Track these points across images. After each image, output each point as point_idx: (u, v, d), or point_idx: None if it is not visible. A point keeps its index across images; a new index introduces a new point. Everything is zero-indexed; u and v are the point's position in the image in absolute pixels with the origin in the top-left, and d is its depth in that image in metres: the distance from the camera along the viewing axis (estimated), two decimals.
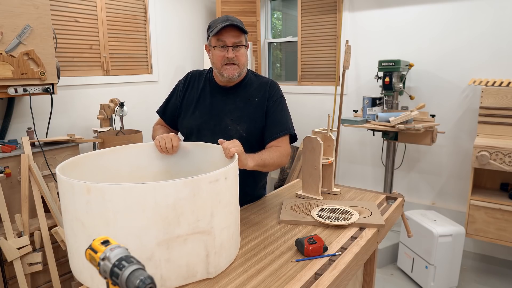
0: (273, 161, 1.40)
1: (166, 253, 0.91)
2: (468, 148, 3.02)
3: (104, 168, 1.28)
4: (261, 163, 1.35)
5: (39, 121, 2.49)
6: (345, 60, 3.16)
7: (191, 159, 1.39)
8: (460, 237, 2.47)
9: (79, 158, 1.19)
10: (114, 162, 1.31)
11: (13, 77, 2.07)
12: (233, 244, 1.08)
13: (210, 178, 0.96)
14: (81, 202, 0.90)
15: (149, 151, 1.39)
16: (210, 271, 0.98)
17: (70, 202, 0.94)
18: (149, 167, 1.39)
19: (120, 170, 1.32)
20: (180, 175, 1.38)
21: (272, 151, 1.42)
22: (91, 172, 1.22)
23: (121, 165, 1.33)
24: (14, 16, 2.04)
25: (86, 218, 0.91)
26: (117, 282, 0.63)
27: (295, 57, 3.96)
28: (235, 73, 1.47)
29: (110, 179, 1.29)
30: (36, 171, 2.11)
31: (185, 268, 0.95)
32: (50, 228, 2.15)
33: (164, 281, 0.93)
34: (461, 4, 2.94)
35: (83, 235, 0.92)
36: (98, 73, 2.99)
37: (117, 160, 1.32)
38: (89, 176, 1.21)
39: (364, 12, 3.40)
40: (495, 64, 2.84)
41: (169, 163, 1.41)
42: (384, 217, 1.35)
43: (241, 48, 1.45)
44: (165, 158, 1.40)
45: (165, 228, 0.90)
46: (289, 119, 1.56)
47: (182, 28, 3.71)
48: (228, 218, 1.04)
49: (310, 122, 3.78)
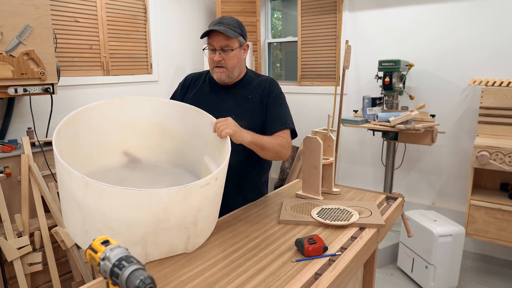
0: (272, 146, 1.41)
1: (153, 238, 1.00)
2: (468, 148, 3.02)
3: (101, 119, 1.30)
4: (259, 142, 1.36)
5: (39, 121, 2.48)
6: (345, 60, 3.16)
7: (186, 121, 1.41)
8: (460, 237, 2.47)
9: (75, 114, 1.20)
10: (110, 113, 1.32)
11: (13, 77, 2.07)
12: (211, 226, 1.18)
13: (202, 183, 1.01)
14: (79, 189, 0.95)
15: (144, 105, 1.40)
16: (188, 248, 1.09)
17: (67, 183, 0.99)
18: (142, 120, 1.40)
19: (114, 122, 1.34)
20: (171, 131, 1.43)
21: (273, 137, 1.45)
22: (88, 125, 1.25)
23: (116, 117, 1.34)
24: (14, 16, 2.04)
25: (82, 202, 0.96)
26: (117, 282, 0.64)
27: (295, 57, 3.96)
28: (223, 75, 1.49)
29: (106, 128, 1.30)
30: (36, 171, 2.11)
31: (168, 247, 1.05)
32: (50, 228, 2.15)
33: (148, 256, 1.03)
34: (461, 4, 2.94)
35: (79, 213, 0.99)
36: (98, 73, 2.99)
37: (112, 112, 1.33)
38: (85, 128, 1.23)
39: (364, 12, 3.40)
40: (495, 64, 2.84)
41: (163, 118, 1.42)
42: (384, 217, 1.35)
43: (229, 52, 1.45)
44: (160, 115, 1.41)
45: (155, 223, 0.97)
46: (289, 114, 1.57)
47: (182, 28, 3.71)
48: (211, 209, 1.12)
49: (310, 122, 3.78)
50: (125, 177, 1.34)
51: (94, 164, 1.30)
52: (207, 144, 1.35)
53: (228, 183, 1.28)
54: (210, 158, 1.35)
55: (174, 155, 1.45)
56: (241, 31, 1.49)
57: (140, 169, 1.40)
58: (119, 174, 1.33)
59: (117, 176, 1.31)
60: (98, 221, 0.96)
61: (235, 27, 1.46)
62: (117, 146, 1.37)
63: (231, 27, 1.44)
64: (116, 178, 1.30)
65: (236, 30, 1.46)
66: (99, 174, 1.28)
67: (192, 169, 1.43)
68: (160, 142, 1.43)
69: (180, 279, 0.97)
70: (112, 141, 1.34)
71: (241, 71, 1.56)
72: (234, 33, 1.44)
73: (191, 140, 1.41)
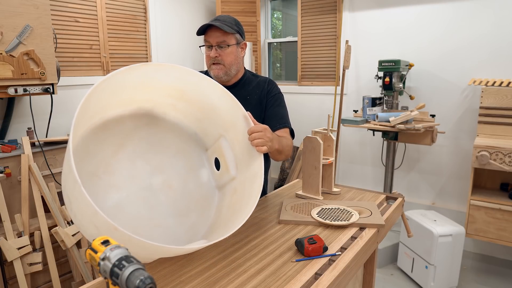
0: (285, 149, 1.40)
1: None
2: (468, 148, 3.02)
3: (123, 80, 1.14)
4: (280, 148, 1.34)
5: (39, 121, 2.48)
6: (345, 60, 3.16)
7: (209, 97, 1.28)
8: (460, 237, 2.47)
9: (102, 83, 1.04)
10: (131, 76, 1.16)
11: (13, 77, 2.07)
12: None
13: None
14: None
15: (169, 71, 1.23)
16: None
17: (71, 186, 0.89)
18: (164, 82, 1.24)
19: (134, 81, 1.18)
20: (191, 98, 1.29)
21: (283, 139, 1.41)
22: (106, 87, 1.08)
23: (138, 77, 1.18)
24: (14, 16, 2.04)
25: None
26: (117, 282, 0.63)
27: (295, 57, 3.96)
28: (220, 72, 1.48)
29: (122, 87, 1.16)
30: (36, 171, 2.11)
31: None
32: (50, 228, 2.15)
33: None
34: (461, 4, 2.94)
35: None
36: (98, 73, 2.99)
37: (134, 75, 1.16)
38: (104, 94, 1.10)
39: (364, 12, 3.40)
40: (495, 64, 2.84)
41: (186, 85, 1.27)
42: (384, 217, 1.35)
43: (226, 48, 1.45)
44: (183, 80, 1.25)
45: None
46: (287, 115, 1.58)
47: (182, 28, 3.71)
48: None
49: (310, 122, 3.78)
50: (133, 129, 1.28)
51: (108, 114, 1.22)
52: (227, 128, 1.27)
53: None
54: (229, 144, 1.28)
55: (187, 117, 1.35)
56: (238, 28, 1.49)
57: (148, 124, 1.31)
58: (128, 126, 1.28)
59: (126, 128, 1.27)
60: (103, 236, 0.88)
61: (232, 24, 1.46)
62: (132, 99, 1.25)
63: (227, 24, 1.44)
64: (125, 129, 1.27)
65: (233, 27, 1.46)
66: (112, 124, 1.23)
67: (203, 137, 1.37)
68: (175, 102, 1.31)
69: (180, 279, 0.97)
70: (128, 94, 1.22)
71: (238, 69, 1.55)
72: (230, 28, 1.44)
73: (209, 114, 1.31)
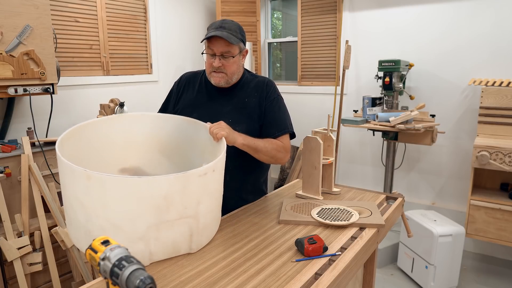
0: (266, 150, 1.42)
1: (155, 233, 1.01)
2: (468, 148, 3.02)
3: (101, 135, 1.34)
4: (252, 144, 1.38)
5: (39, 121, 2.48)
6: (345, 60, 3.16)
7: (183, 133, 1.44)
8: (460, 237, 2.47)
9: (76, 129, 1.24)
10: (110, 130, 1.37)
11: (13, 77, 2.07)
12: (214, 224, 1.20)
13: (200, 172, 1.04)
14: (81, 186, 0.97)
15: (143, 121, 1.43)
16: (192, 247, 1.10)
17: (70, 182, 1.01)
18: (142, 136, 1.44)
19: (115, 139, 1.38)
20: (170, 145, 1.46)
21: (268, 141, 1.45)
22: (88, 141, 1.28)
23: (117, 134, 1.38)
24: (14, 16, 2.04)
25: (85, 200, 0.98)
26: (117, 282, 0.64)
27: (295, 57, 3.96)
28: (222, 81, 1.47)
29: (106, 145, 1.34)
30: (36, 171, 2.11)
31: (171, 245, 1.06)
32: (50, 228, 2.15)
33: (152, 255, 1.04)
34: (461, 4, 2.94)
35: (82, 213, 1.00)
36: (98, 73, 2.99)
37: (113, 128, 1.38)
38: (85, 144, 1.27)
39: (364, 12, 3.40)
40: (495, 64, 2.84)
41: (160, 134, 1.45)
42: (384, 217, 1.35)
43: (230, 58, 1.43)
44: (158, 129, 1.45)
45: (156, 215, 0.99)
46: (287, 117, 1.56)
47: (182, 28, 3.71)
48: (212, 204, 1.14)
49: (310, 122, 3.78)
50: None
51: None
52: (204, 152, 1.37)
53: (227, 186, 1.29)
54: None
55: (174, 167, 1.47)
56: (242, 36, 1.47)
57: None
58: None
59: None
60: (101, 217, 0.98)
61: (237, 32, 1.44)
62: (118, 163, 1.39)
63: (233, 33, 1.41)
64: None
65: (238, 36, 1.44)
66: None
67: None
68: (159, 159, 1.46)
69: (180, 279, 0.97)
70: (112, 158, 1.37)
71: (239, 76, 1.54)
72: (236, 39, 1.41)
73: (190, 150, 1.43)
